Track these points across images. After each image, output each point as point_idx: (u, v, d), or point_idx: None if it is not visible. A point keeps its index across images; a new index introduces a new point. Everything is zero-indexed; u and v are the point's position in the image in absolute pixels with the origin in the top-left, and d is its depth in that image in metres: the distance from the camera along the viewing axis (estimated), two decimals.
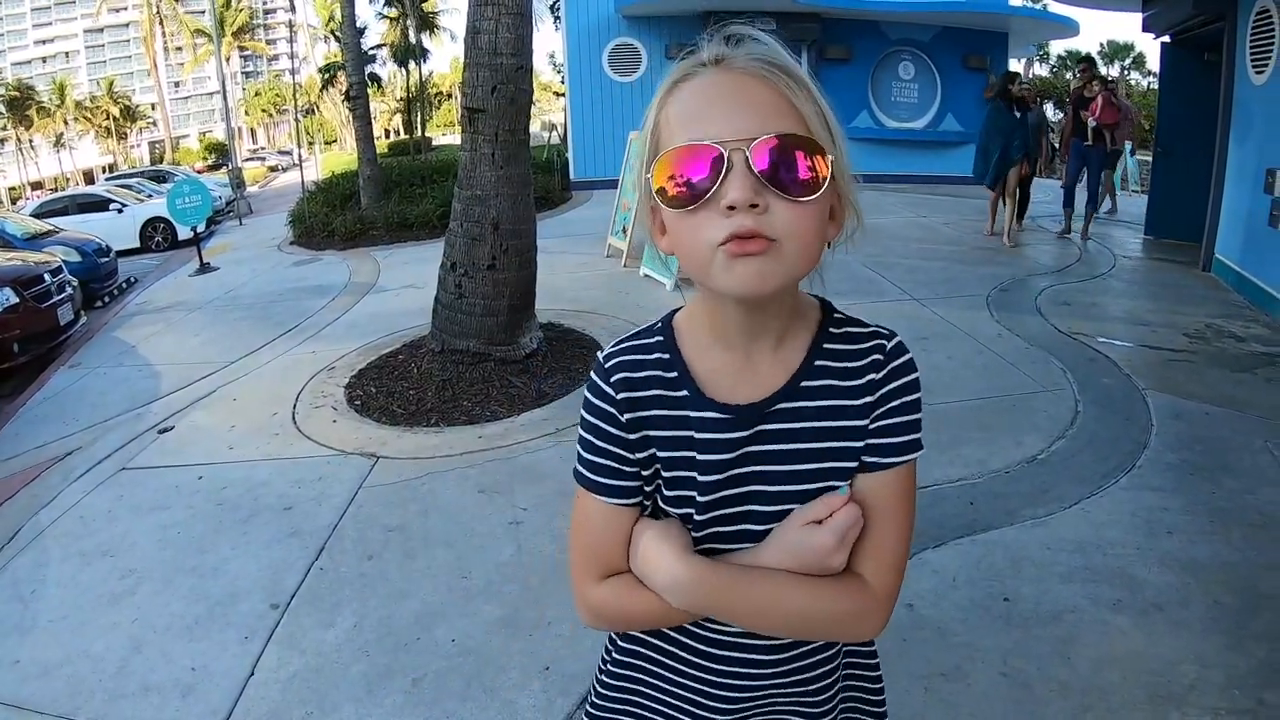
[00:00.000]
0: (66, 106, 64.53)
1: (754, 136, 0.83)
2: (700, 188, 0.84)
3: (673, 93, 0.89)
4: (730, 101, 0.85)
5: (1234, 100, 7.26)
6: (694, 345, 1.01)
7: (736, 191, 0.82)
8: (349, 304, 8.00)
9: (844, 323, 1.02)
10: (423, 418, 4.87)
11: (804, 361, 0.99)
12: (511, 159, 5.25)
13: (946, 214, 11.19)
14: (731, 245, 0.84)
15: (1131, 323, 6.18)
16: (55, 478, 4.48)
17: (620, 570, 1.03)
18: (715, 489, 0.99)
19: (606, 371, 1.01)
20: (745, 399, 0.98)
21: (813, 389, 0.98)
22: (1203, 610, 2.81)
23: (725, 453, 0.98)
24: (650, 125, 0.92)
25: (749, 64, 0.86)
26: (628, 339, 1.05)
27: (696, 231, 0.86)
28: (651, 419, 1.00)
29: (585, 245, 9.58)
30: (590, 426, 1.02)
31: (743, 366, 0.99)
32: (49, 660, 2.93)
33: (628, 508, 1.02)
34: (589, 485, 1.02)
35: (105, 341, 7.64)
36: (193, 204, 11.87)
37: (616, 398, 1.00)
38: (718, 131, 0.84)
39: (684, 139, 0.86)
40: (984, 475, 3.80)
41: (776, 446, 0.98)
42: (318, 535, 3.63)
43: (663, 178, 0.87)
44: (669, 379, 1.00)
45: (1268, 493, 3.54)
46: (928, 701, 2.44)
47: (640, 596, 1.00)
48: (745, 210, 0.83)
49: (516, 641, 2.83)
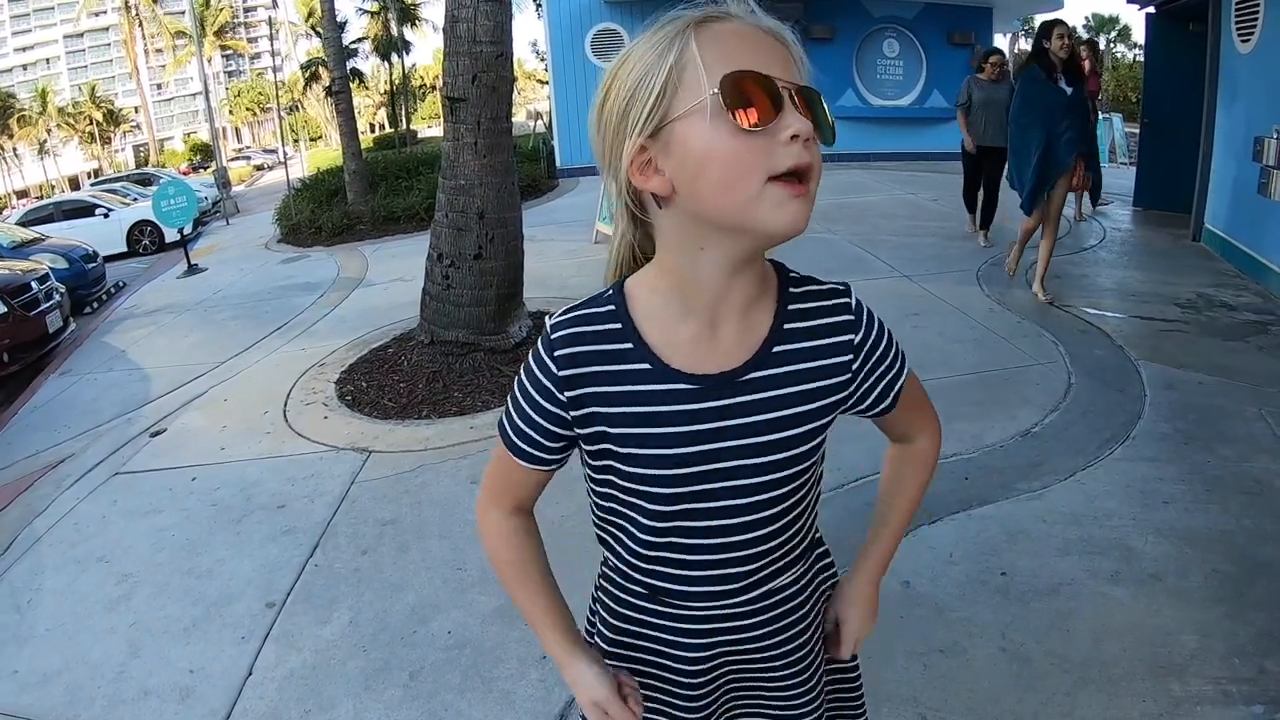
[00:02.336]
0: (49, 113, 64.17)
1: (799, 83, 0.86)
2: (771, 111, 0.83)
3: (704, 29, 0.85)
4: (772, 50, 0.86)
5: (1220, 69, 7.24)
6: (651, 314, 0.97)
7: (800, 123, 0.83)
8: (338, 300, 7.96)
9: (801, 282, 1.03)
10: (414, 410, 4.85)
11: (772, 327, 0.98)
12: (495, 148, 5.21)
13: (934, 190, 11.15)
14: (790, 185, 0.84)
15: (1123, 294, 6.17)
16: (48, 486, 4.45)
17: (528, 510, 1.13)
18: (684, 463, 0.97)
19: (552, 344, 0.98)
20: (714, 368, 0.96)
21: (785, 354, 0.98)
22: (1201, 580, 2.81)
23: (693, 424, 0.96)
24: (670, 61, 0.85)
25: (773, 25, 0.88)
26: (576, 308, 1.00)
27: (754, 160, 0.83)
28: (599, 395, 0.97)
29: (573, 232, 9.55)
30: (524, 393, 1.02)
31: (707, 335, 0.96)
32: (47, 668, 2.91)
33: (541, 471, 1.08)
34: (510, 447, 1.05)
35: (95, 347, 7.60)
36: (178, 206, 11.80)
37: (559, 374, 0.97)
38: (774, 67, 0.85)
39: (738, 65, 0.83)
40: (978, 450, 3.79)
41: (755, 417, 0.97)
42: (312, 532, 3.61)
43: (731, 96, 0.82)
44: (622, 351, 0.97)
45: (1263, 461, 3.54)
46: (926, 678, 2.44)
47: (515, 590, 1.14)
48: (805, 144, 0.84)
49: (513, 631, 2.82)
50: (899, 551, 1.23)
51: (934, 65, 15.11)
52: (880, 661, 2.48)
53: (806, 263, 1.04)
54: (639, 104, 0.87)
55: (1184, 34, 8.44)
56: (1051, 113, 5.46)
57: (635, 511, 1.04)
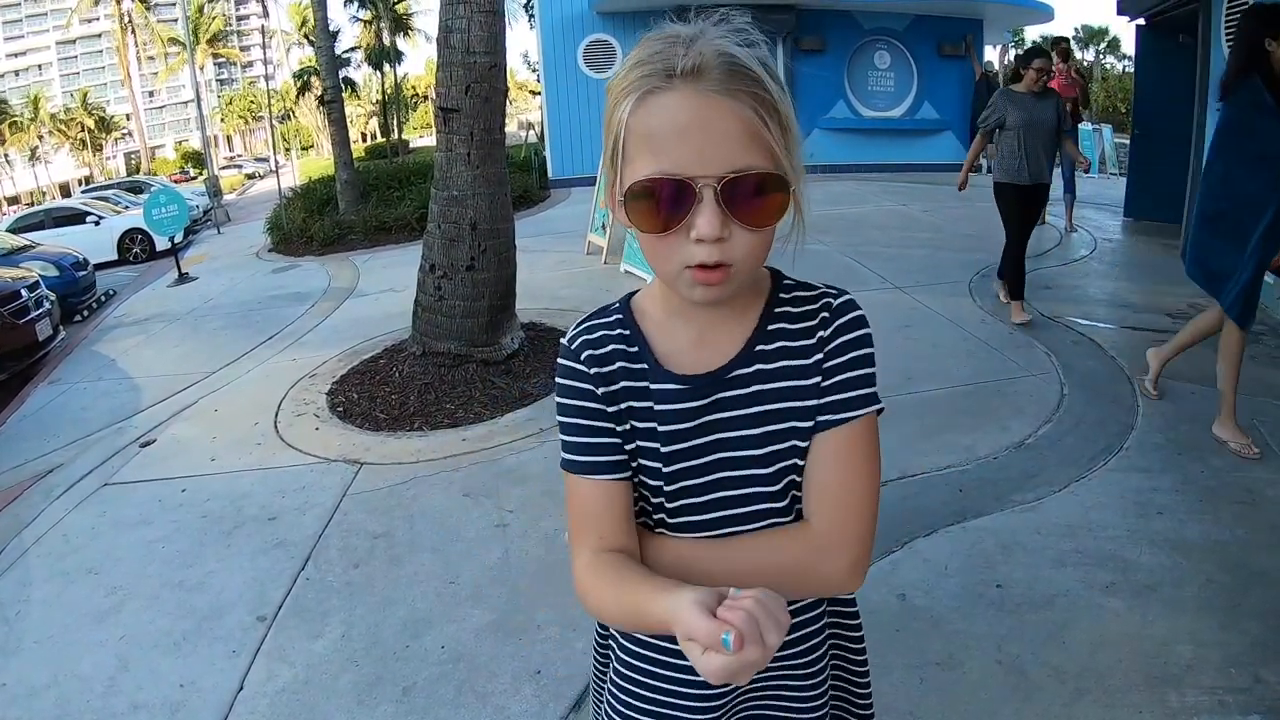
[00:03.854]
0: (41, 119, 63.95)
1: (724, 173, 0.85)
2: (671, 218, 0.87)
3: (642, 104, 0.87)
4: (702, 133, 0.85)
5: (1210, 81, 7.27)
6: (654, 321, 1.04)
7: (706, 226, 0.85)
8: (329, 310, 7.93)
9: (793, 287, 1.05)
10: (406, 422, 4.83)
11: (757, 327, 1.02)
12: (487, 158, 5.21)
13: (925, 201, 11.18)
14: (697, 273, 0.89)
15: (1114, 305, 6.19)
16: (37, 496, 4.41)
17: (619, 546, 1.01)
18: (678, 458, 1.01)
19: (574, 351, 1.05)
20: (705, 368, 1.01)
21: (767, 352, 1.01)
22: (1196, 590, 2.81)
23: (684, 422, 1.01)
24: (615, 126, 0.91)
25: (722, 82, 0.85)
26: (587, 319, 1.09)
27: (666, 254, 0.90)
28: (620, 392, 1.02)
29: (565, 243, 9.54)
30: (570, 409, 1.04)
31: (702, 339, 1.02)
32: (36, 682, 2.87)
33: (621, 482, 1.03)
34: (579, 468, 1.02)
35: (85, 356, 7.56)
36: (170, 214, 11.76)
37: (590, 373, 1.03)
38: (689, 164, 0.85)
39: (654, 166, 0.86)
40: (972, 461, 3.79)
41: (736, 413, 1.01)
42: (303, 545, 3.58)
43: (634, 205, 0.89)
44: (630, 353, 1.03)
45: (1256, 471, 3.55)
46: (923, 692, 2.43)
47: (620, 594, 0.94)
48: (712, 242, 0.86)
49: (507, 646, 2.80)
50: (895, 563, 1.19)
51: (925, 77, 15.17)
52: (877, 674, 2.44)
53: (797, 273, 1.07)
54: (606, 150, 0.93)
55: (1174, 46, 8.49)
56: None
57: (648, 515, 1.07)
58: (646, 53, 0.88)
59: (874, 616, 2.70)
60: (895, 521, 3.26)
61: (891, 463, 3.62)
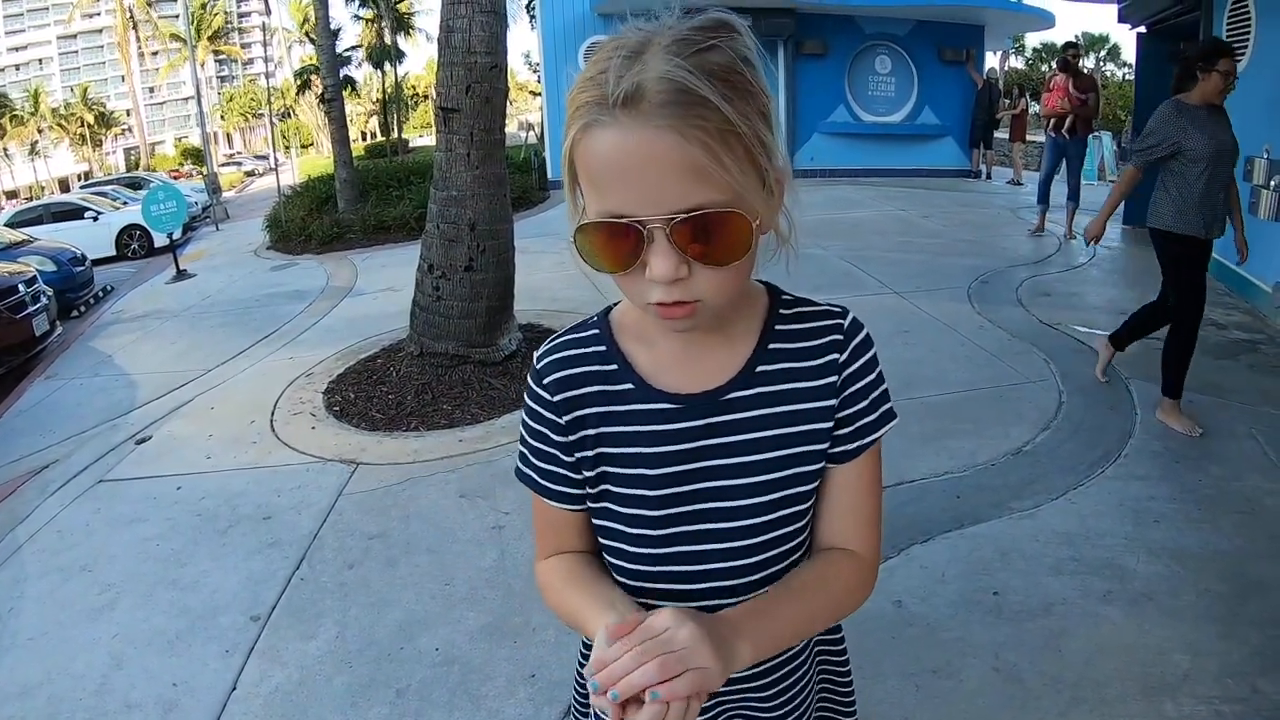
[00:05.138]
0: (41, 114, 63.88)
1: (674, 213, 0.76)
2: (624, 260, 0.81)
3: (583, 136, 0.78)
4: (643, 173, 0.76)
5: None
6: (636, 336, 0.97)
7: (660, 268, 0.79)
8: (326, 308, 7.92)
9: (794, 304, 0.99)
10: (402, 422, 4.81)
11: (756, 347, 0.95)
12: (487, 159, 5.20)
13: (925, 207, 11.19)
14: (659, 309, 0.83)
15: (1113, 312, 6.17)
16: (31, 492, 4.39)
17: (572, 549, 1.04)
18: (667, 483, 0.94)
19: (539, 372, 0.99)
20: (697, 388, 0.94)
21: (769, 374, 0.95)
22: (1193, 599, 2.80)
23: (676, 444, 0.94)
24: (565, 155, 0.83)
25: (662, 113, 0.74)
26: (561, 335, 1.02)
27: (628, 289, 0.86)
28: (591, 417, 0.96)
29: (564, 244, 9.24)
30: (529, 430, 1.01)
31: (690, 356, 0.95)
32: (28, 680, 2.86)
33: (573, 512, 1.02)
34: (534, 487, 1.03)
35: (81, 351, 7.54)
36: (168, 210, 11.73)
37: (554, 400, 0.97)
38: (635, 205, 0.77)
39: (599, 206, 0.80)
40: (970, 468, 3.78)
41: (735, 438, 0.94)
42: (298, 545, 3.57)
43: (585, 247, 0.83)
44: (608, 372, 0.96)
45: (1254, 479, 3.55)
46: (919, 699, 2.42)
47: (565, 600, 1.00)
48: (669, 284, 0.80)
49: (501, 649, 2.79)
50: (891, 570, 1.15)
51: (925, 82, 15.17)
52: (872, 681, 2.46)
53: (796, 278, 0.99)
54: (564, 174, 0.87)
55: (1175, 53, 8.47)
56: None
57: (628, 542, 0.99)
58: (593, 70, 0.79)
59: (870, 623, 2.70)
60: (893, 528, 3.25)
61: (890, 469, 3.59)
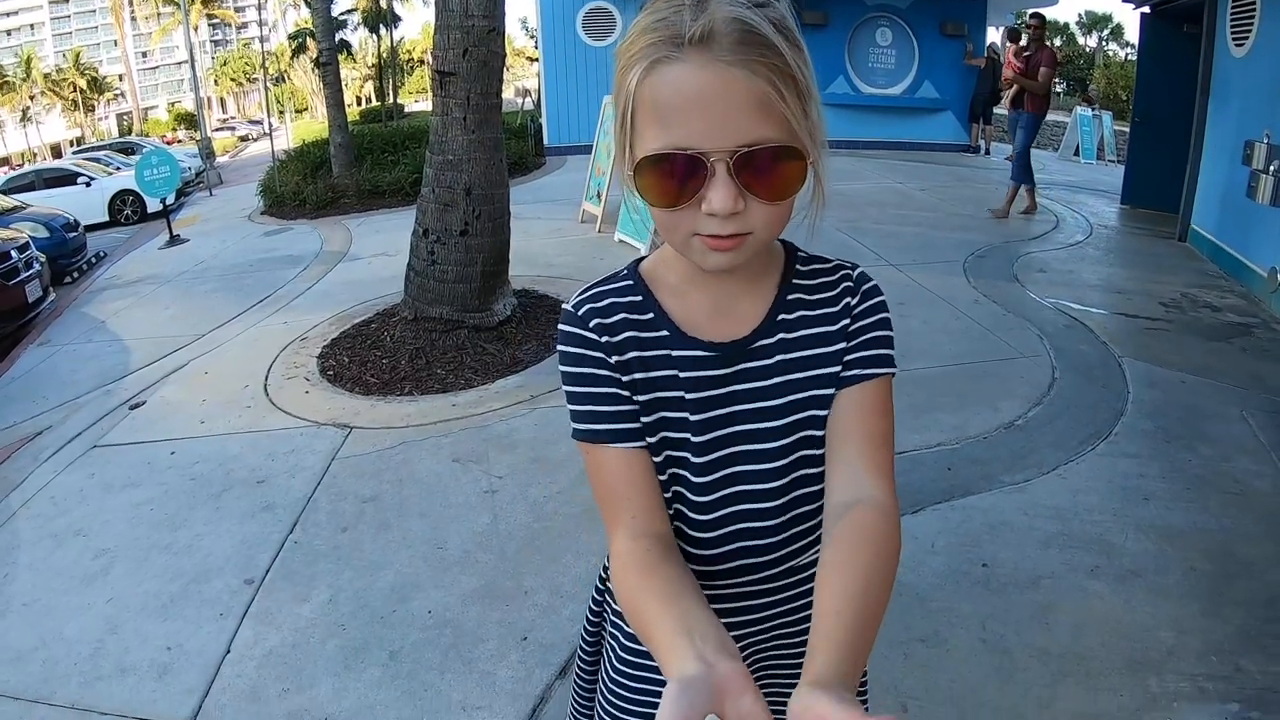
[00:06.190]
0: (33, 79, 63.11)
1: (737, 147, 0.81)
2: (683, 193, 0.84)
3: (650, 75, 0.82)
4: (713, 106, 0.80)
5: (1213, 72, 7.25)
6: (666, 288, 1.01)
7: (719, 201, 0.82)
8: (321, 273, 7.88)
9: (810, 259, 1.05)
10: (396, 387, 4.82)
11: (777, 297, 1.01)
12: (483, 123, 5.16)
13: (922, 180, 11.14)
14: (710, 240, 0.86)
15: (1108, 290, 6.20)
16: (25, 459, 4.38)
17: (655, 530, 0.93)
18: (707, 429, 0.99)
19: (581, 319, 0.99)
20: (727, 336, 0.99)
21: (790, 322, 1.00)
22: (1180, 577, 2.83)
23: (712, 390, 0.99)
24: (623, 95, 0.87)
25: (733, 50, 0.79)
26: (594, 286, 1.03)
27: (677, 225, 0.88)
28: (632, 362, 0.98)
29: (560, 211, 9.48)
30: (580, 377, 0.98)
31: (718, 306, 1.00)
32: (22, 646, 2.87)
33: (641, 451, 0.97)
34: (596, 436, 0.96)
35: (74, 318, 7.49)
36: (161, 175, 11.63)
37: (600, 341, 0.98)
38: (700, 137, 0.81)
39: (664, 140, 0.83)
40: (961, 440, 3.80)
41: (760, 383, 1.00)
42: (291, 508, 3.58)
43: (644, 179, 0.86)
44: (644, 320, 1.00)
45: (1244, 461, 3.57)
46: (906, 667, 2.45)
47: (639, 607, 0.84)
48: (726, 217, 0.83)
49: (494, 612, 2.81)
50: None
51: (926, 55, 15.03)
52: None
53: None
54: (615, 118, 0.90)
55: (1178, 35, 8.44)
56: None
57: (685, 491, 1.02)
58: (654, 18, 0.83)
59: None
60: None
61: None
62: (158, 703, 2.56)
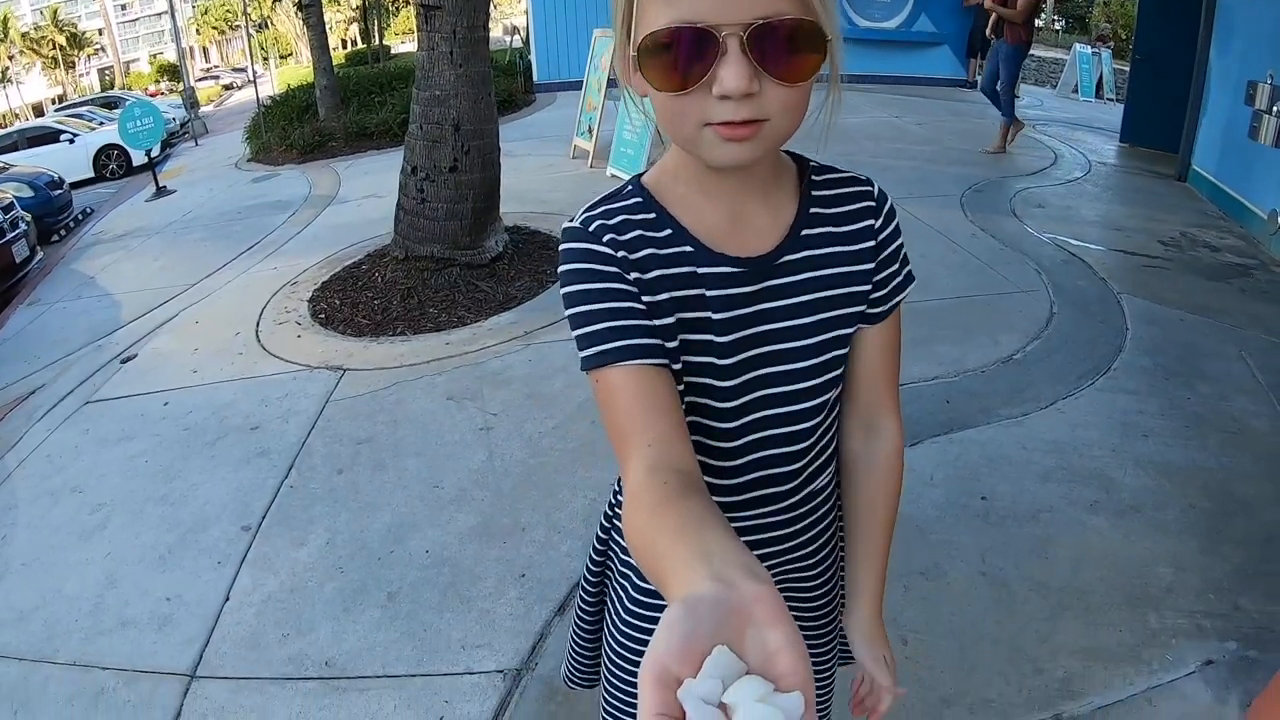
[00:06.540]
0: (11, 39, 61.72)
1: (751, 20, 0.73)
2: (692, 73, 0.76)
3: None
4: None
5: (1217, 10, 7.09)
6: (676, 200, 0.92)
7: (732, 80, 0.74)
8: (310, 218, 7.77)
9: (823, 170, 0.99)
10: (389, 327, 4.78)
11: (798, 211, 0.94)
12: (471, 57, 5.03)
13: (919, 114, 10.97)
14: (727, 128, 0.78)
15: (1106, 227, 6.13)
16: (19, 419, 4.34)
17: (675, 460, 0.78)
18: (734, 350, 0.92)
19: (591, 234, 0.89)
20: (752, 251, 0.91)
21: (813, 238, 0.94)
22: (1179, 514, 2.82)
23: (740, 308, 0.91)
24: None
25: None
26: (598, 203, 0.93)
27: (685, 112, 0.79)
28: (656, 281, 0.89)
29: (550, 147, 9.35)
30: (591, 294, 0.86)
31: (735, 219, 0.92)
32: (24, 605, 2.86)
33: (661, 369, 0.85)
34: (610, 357, 0.84)
35: (63, 275, 7.40)
36: (145, 127, 11.38)
37: (615, 255, 0.87)
38: (710, 10, 0.73)
39: (670, 14, 0.75)
40: (960, 373, 3.78)
41: (788, 301, 0.93)
42: (286, 453, 3.56)
43: (648, 61, 0.78)
44: (662, 237, 0.90)
45: (1242, 401, 3.54)
46: (906, 599, 2.45)
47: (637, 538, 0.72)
48: (740, 99, 0.76)
49: (491, 549, 2.81)
50: None
51: None
52: None
53: None
54: (615, 10, 0.83)
55: None
56: None
57: (706, 417, 0.96)
58: None
59: None
60: None
61: None
62: (159, 654, 2.55)
